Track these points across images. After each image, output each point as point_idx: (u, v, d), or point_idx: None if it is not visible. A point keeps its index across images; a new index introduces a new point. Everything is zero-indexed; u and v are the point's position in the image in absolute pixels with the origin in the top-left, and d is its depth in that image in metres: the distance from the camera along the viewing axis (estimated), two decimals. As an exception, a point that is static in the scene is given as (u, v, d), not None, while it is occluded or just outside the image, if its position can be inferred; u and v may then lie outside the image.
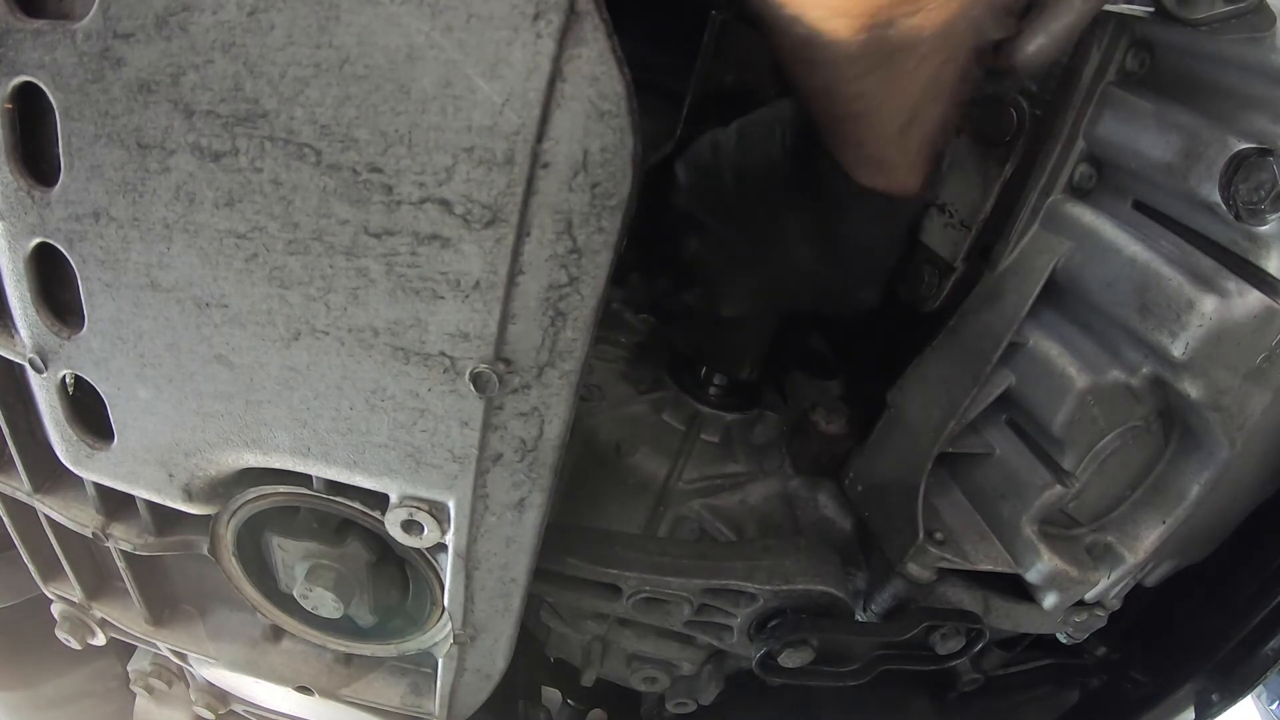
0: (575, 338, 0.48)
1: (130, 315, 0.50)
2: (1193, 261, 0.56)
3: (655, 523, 0.81)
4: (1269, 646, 0.75)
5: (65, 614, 0.82)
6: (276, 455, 0.55)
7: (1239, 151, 0.52)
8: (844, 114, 0.58)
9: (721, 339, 0.88)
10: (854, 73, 0.52)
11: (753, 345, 0.87)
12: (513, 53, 0.39)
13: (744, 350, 0.88)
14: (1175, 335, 0.56)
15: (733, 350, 0.89)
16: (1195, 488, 0.64)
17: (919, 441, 0.69)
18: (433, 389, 0.50)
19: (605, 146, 0.41)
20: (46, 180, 0.46)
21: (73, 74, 0.42)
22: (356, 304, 0.47)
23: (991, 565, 0.68)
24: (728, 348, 0.89)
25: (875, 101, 0.55)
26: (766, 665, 0.74)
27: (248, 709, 0.97)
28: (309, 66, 0.40)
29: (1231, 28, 0.54)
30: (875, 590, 0.75)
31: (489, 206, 0.43)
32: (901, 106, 0.56)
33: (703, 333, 0.89)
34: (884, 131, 0.59)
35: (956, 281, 0.72)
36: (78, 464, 0.60)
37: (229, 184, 0.44)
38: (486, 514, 0.57)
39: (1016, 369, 0.66)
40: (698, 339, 0.90)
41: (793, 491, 0.83)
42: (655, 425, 0.86)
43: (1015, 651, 0.94)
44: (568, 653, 0.90)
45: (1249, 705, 2.20)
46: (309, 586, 0.64)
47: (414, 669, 0.81)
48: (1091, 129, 0.61)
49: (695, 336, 0.90)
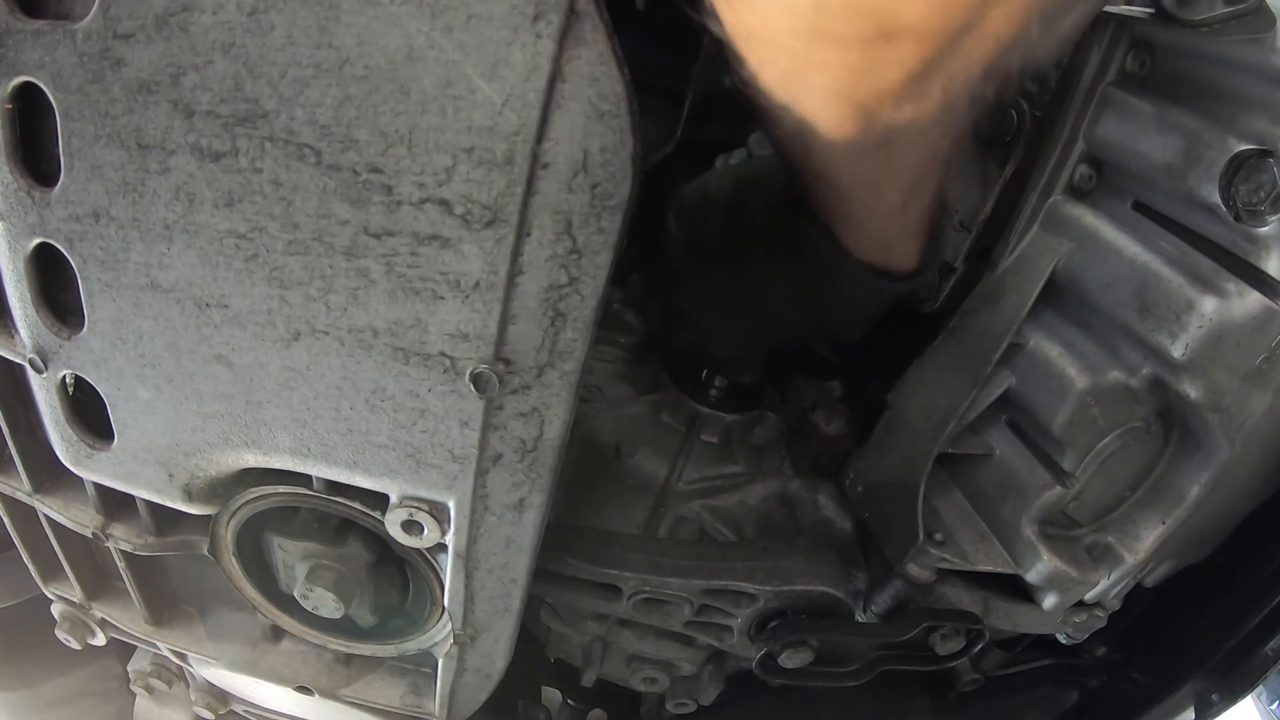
0: (575, 338, 0.48)
1: (130, 315, 0.50)
2: (1192, 262, 0.56)
3: (655, 523, 0.81)
4: (1269, 646, 0.74)
5: (65, 614, 0.82)
6: (276, 455, 0.55)
7: (1239, 153, 0.52)
8: (841, 195, 0.56)
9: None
10: (850, 157, 0.50)
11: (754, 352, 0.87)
12: (512, 53, 0.39)
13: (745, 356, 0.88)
14: (1175, 336, 0.56)
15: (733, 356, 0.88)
16: (1195, 488, 0.64)
17: (919, 442, 0.69)
18: (433, 389, 0.50)
19: (605, 147, 0.41)
20: (47, 180, 0.46)
21: (73, 74, 0.42)
22: (356, 304, 0.47)
23: (991, 566, 0.68)
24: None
25: (872, 183, 0.54)
26: (766, 666, 0.74)
27: (248, 709, 0.97)
28: (309, 67, 0.40)
29: (1231, 29, 0.54)
30: (875, 591, 0.75)
31: (489, 207, 0.43)
32: (900, 186, 0.55)
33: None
34: (882, 211, 0.58)
35: (956, 282, 0.72)
36: (78, 464, 0.60)
37: (229, 184, 0.44)
38: (486, 514, 0.57)
39: (1016, 370, 0.66)
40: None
41: (792, 492, 0.83)
42: (655, 426, 0.86)
43: (1015, 652, 0.94)
44: (568, 653, 0.90)
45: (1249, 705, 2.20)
46: (309, 586, 0.64)
47: (414, 669, 0.81)
48: (1091, 130, 0.61)
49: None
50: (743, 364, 0.87)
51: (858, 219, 0.59)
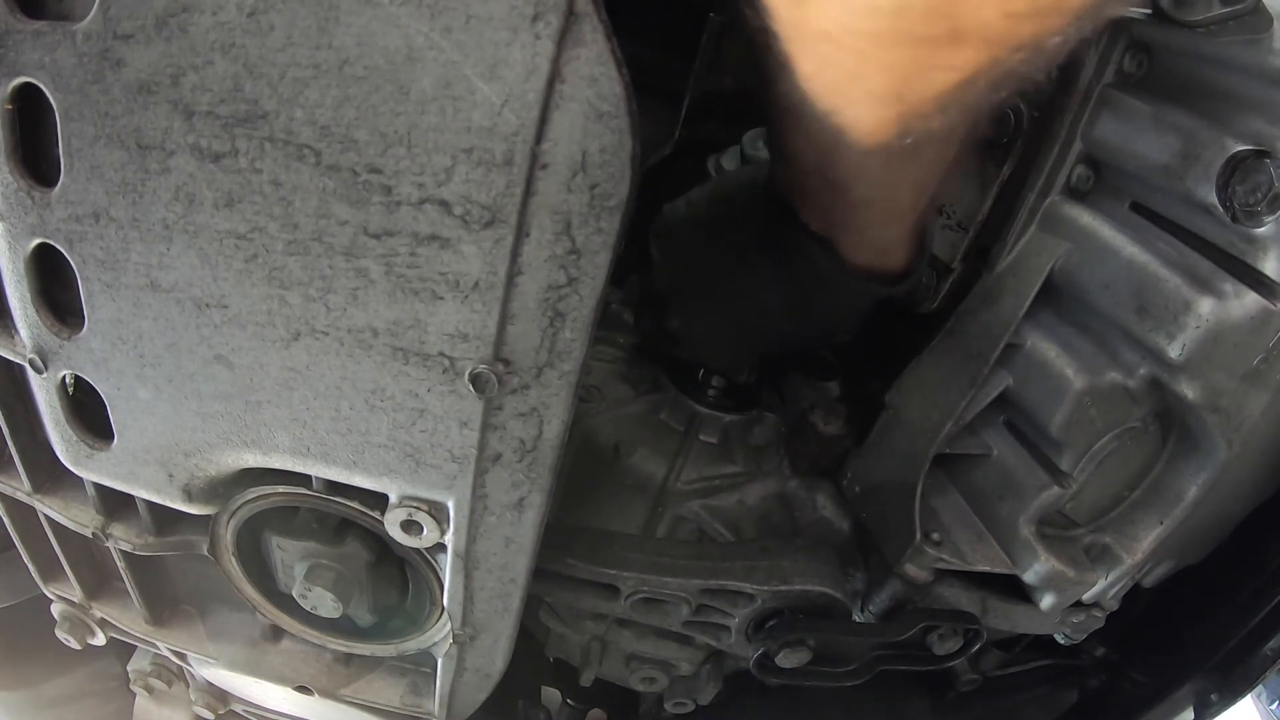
0: (574, 338, 0.48)
1: (130, 316, 0.50)
2: (1190, 263, 0.56)
3: (654, 523, 0.81)
4: (1268, 646, 0.74)
5: (65, 614, 0.82)
6: (276, 455, 0.55)
7: (1236, 153, 0.52)
8: (858, 202, 0.55)
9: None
10: (876, 162, 0.49)
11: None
12: (512, 54, 0.39)
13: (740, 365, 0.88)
14: (1172, 337, 0.56)
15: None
16: (1193, 489, 0.64)
17: (917, 442, 0.69)
18: (432, 389, 0.50)
19: (604, 147, 0.41)
20: (46, 181, 0.46)
21: (73, 75, 0.42)
22: (356, 304, 0.47)
23: (989, 566, 0.68)
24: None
25: (890, 189, 0.53)
26: (764, 665, 0.74)
27: (247, 709, 0.97)
28: (308, 67, 0.41)
29: (1229, 29, 0.54)
30: (873, 591, 0.75)
31: (488, 207, 0.43)
32: (914, 192, 0.54)
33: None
34: (890, 216, 0.57)
35: (954, 283, 0.72)
36: (78, 464, 0.60)
37: (229, 185, 0.44)
38: (486, 514, 0.57)
39: (1014, 370, 0.66)
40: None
41: (791, 492, 0.83)
42: (654, 426, 0.86)
43: (1013, 652, 0.94)
44: (567, 653, 0.90)
45: (1249, 705, 2.20)
46: (308, 586, 0.64)
47: (413, 669, 0.81)
48: (1089, 130, 0.61)
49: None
50: (738, 369, 0.87)
51: (863, 225, 0.59)
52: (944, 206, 0.71)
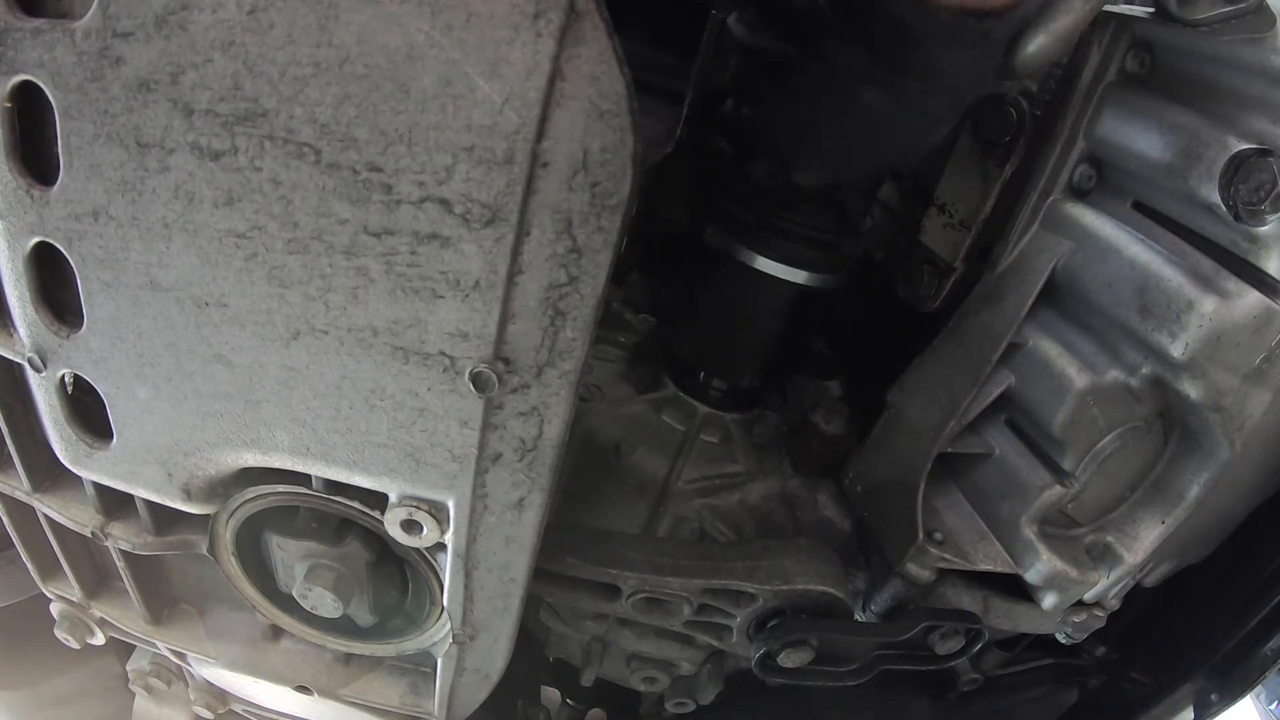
0: (575, 337, 0.48)
1: (129, 314, 0.50)
2: (1192, 262, 0.56)
3: (655, 523, 0.81)
4: (1268, 646, 0.75)
5: (64, 613, 0.82)
6: (276, 455, 0.55)
7: (1239, 152, 0.52)
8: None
9: (723, 349, 0.88)
10: None
11: (755, 355, 0.87)
12: (513, 52, 0.39)
13: (746, 359, 0.88)
14: (1175, 336, 0.56)
15: (734, 359, 0.88)
16: (1195, 488, 0.64)
17: (918, 442, 0.69)
18: (432, 388, 0.50)
19: (605, 146, 0.41)
20: (46, 179, 0.46)
21: (72, 73, 0.42)
22: (356, 303, 0.47)
23: (991, 565, 0.68)
24: (729, 356, 0.89)
25: None
26: (766, 665, 0.74)
27: (247, 709, 0.97)
28: (309, 65, 0.40)
29: (1231, 29, 0.54)
30: (875, 590, 0.75)
31: (489, 206, 0.43)
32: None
33: (705, 342, 0.88)
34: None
35: (956, 282, 0.72)
36: (77, 463, 0.60)
37: (228, 183, 0.44)
38: (486, 514, 0.57)
39: (1016, 369, 0.66)
40: (700, 348, 0.90)
41: (792, 491, 0.83)
42: (655, 425, 0.86)
43: (1015, 651, 0.94)
44: (567, 653, 0.90)
45: (1248, 705, 2.20)
46: (308, 586, 0.64)
47: (413, 669, 0.81)
48: (1091, 129, 0.61)
49: (698, 346, 0.90)
50: (740, 368, 0.86)
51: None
52: (946, 205, 0.71)
